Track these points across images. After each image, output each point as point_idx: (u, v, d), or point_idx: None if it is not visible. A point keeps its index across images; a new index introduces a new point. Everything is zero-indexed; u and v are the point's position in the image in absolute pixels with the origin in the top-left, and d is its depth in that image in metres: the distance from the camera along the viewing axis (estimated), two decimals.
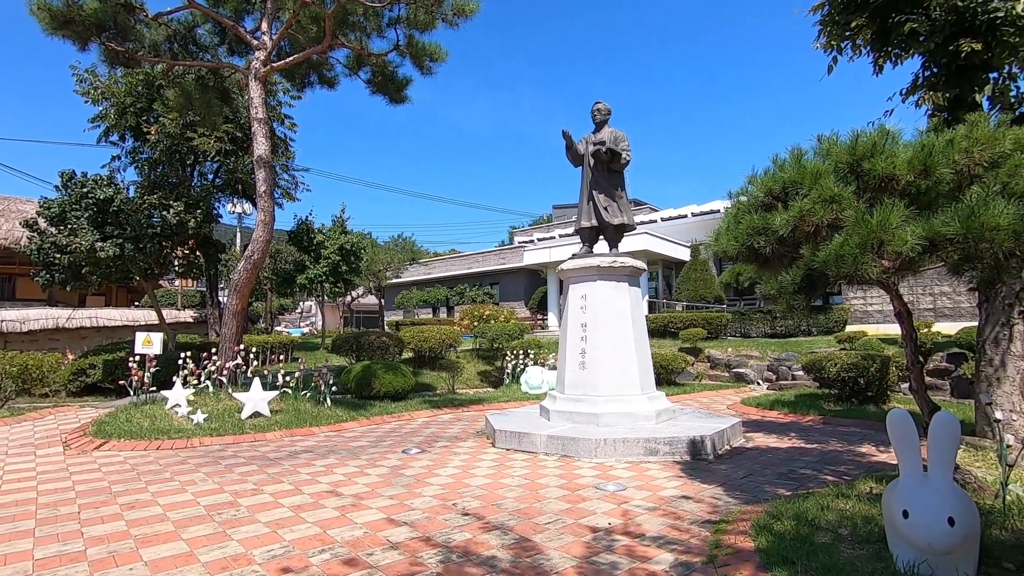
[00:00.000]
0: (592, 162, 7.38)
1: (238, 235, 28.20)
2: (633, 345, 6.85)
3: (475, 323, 17.32)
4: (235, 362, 9.00)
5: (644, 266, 7.42)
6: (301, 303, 48.45)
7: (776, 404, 9.80)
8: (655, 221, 27.99)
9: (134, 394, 8.80)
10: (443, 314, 33.89)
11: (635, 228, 7.93)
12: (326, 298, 25.22)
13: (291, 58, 9.48)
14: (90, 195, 11.04)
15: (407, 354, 14.65)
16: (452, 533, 3.61)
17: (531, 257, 27.62)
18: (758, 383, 13.50)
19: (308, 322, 48.11)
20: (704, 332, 16.35)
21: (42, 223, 11.49)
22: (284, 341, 17.50)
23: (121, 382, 9.37)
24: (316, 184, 54.86)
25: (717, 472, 5.26)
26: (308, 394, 9.11)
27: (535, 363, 12.94)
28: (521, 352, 13.05)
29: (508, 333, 14.98)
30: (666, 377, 12.40)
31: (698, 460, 5.70)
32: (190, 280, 26.85)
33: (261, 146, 8.87)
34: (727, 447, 6.37)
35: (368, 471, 5.42)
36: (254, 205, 17.18)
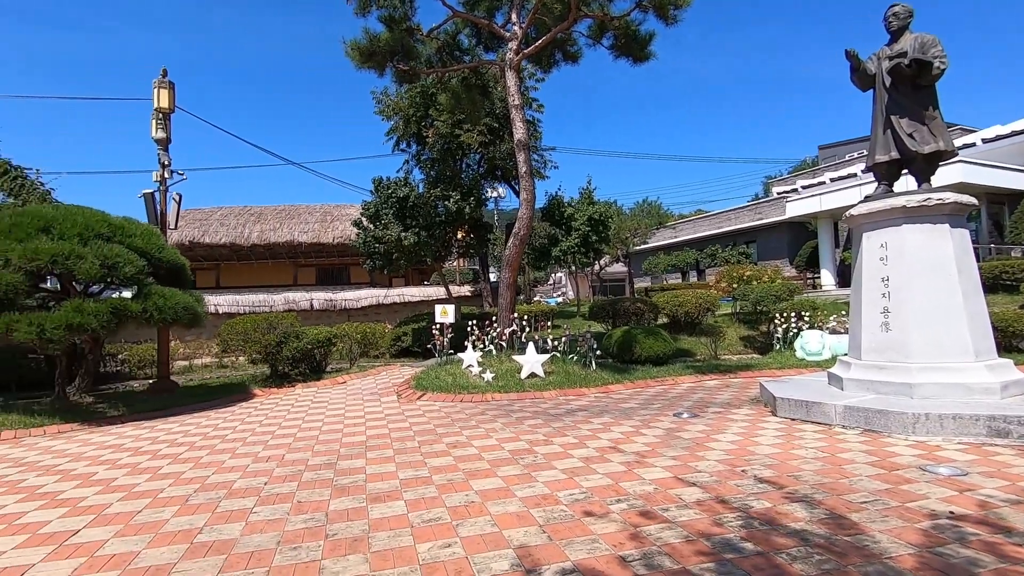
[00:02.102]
0: (888, 81, 6.05)
1: (495, 216, 31.49)
2: (961, 300, 5.50)
3: (733, 285, 16.15)
4: (511, 329, 10.12)
5: (973, 200, 5.85)
6: (552, 275, 51.90)
7: None
8: (973, 145, 21.83)
9: (438, 356, 10.63)
10: (693, 278, 32.45)
11: (955, 154, 6.28)
12: (576, 268, 26.48)
13: (539, 41, 10.00)
14: (393, 195, 13.56)
15: (662, 319, 14.47)
16: (748, 500, 3.46)
17: (795, 208, 24.36)
18: None
19: (560, 292, 51.30)
20: None
21: (364, 221, 14.58)
22: (545, 310, 18.98)
23: (428, 346, 11.40)
24: (562, 160, 57.53)
25: None
26: (574, 357, 9.74)
27: (810, 326, 11.48)
28: (792, 315, 11.70)
29: (774, 294, 13.57)
30: (1004, 342, 9.71)
31: None
32: (462, 260, 31.10)
33: (519, 130, 9.63)
34: None
35: (643, 431, 5.54)
36: (511, 188, 18.85)
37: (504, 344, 10.13)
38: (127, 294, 8.26)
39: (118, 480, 4.59)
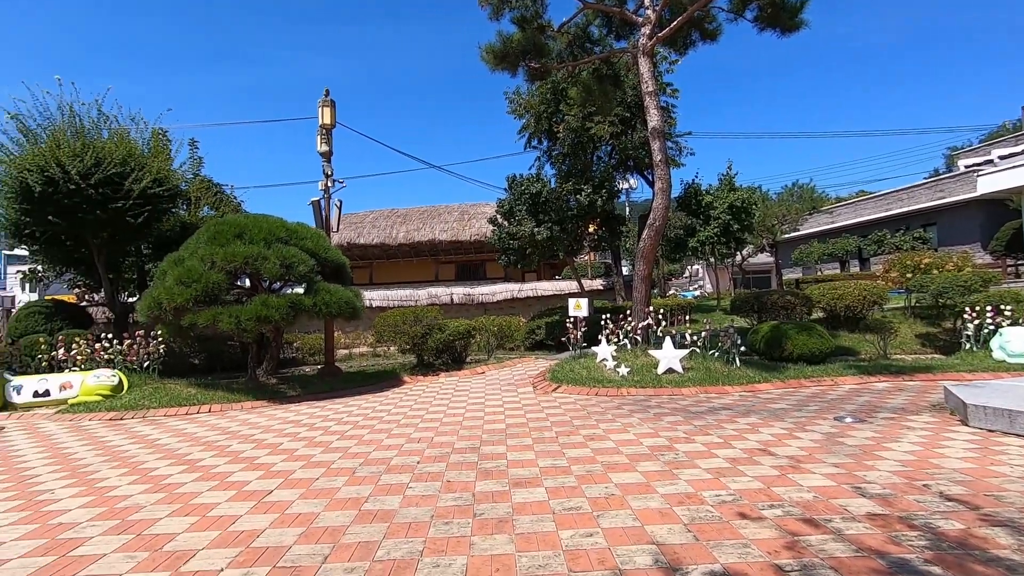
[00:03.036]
0: None
1: (627, 208, 30.75)
2: None
3: (907, 275, 14.10)
4: (646, 323, 9.86)
5: None
6: (688, 267, 49.45)
7: None
8: None
9: (572, 349, 10.70)
10: (854, 267, 28.96)
11: None
12: (715, 260, 24.96)
13: (674, 23, 9.57)
14: (526, 191, 13.88)
15: (816, 314, 13.12)
16: (933, 518, 3.03)
17: (990, 183, 20.58)
18: None
19: (696, 285, 48.75)
20: None
21: (499, 218, 15.12)
22: (681, 304, 18.18)
23: (563, 339, 11.53)
24: (698, 146, 54.56)
25: None
26: (715, 354, 9.21)
27: (1013, 322, 9.65)
28: (988, 309, 9.92)
29: (962, 285, 11.61)
30: None
31: None
32: (592, 254, 30.87)
33: (654, 118, 9.32)
34: None
35: (797, 434, 5.09)
36: (644, 179, 18.33)
37: (639, 338, 9.90)
38: (298, 290, 9.46)
39: (298, 451, 5.29)
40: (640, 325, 9.87)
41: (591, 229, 16.24)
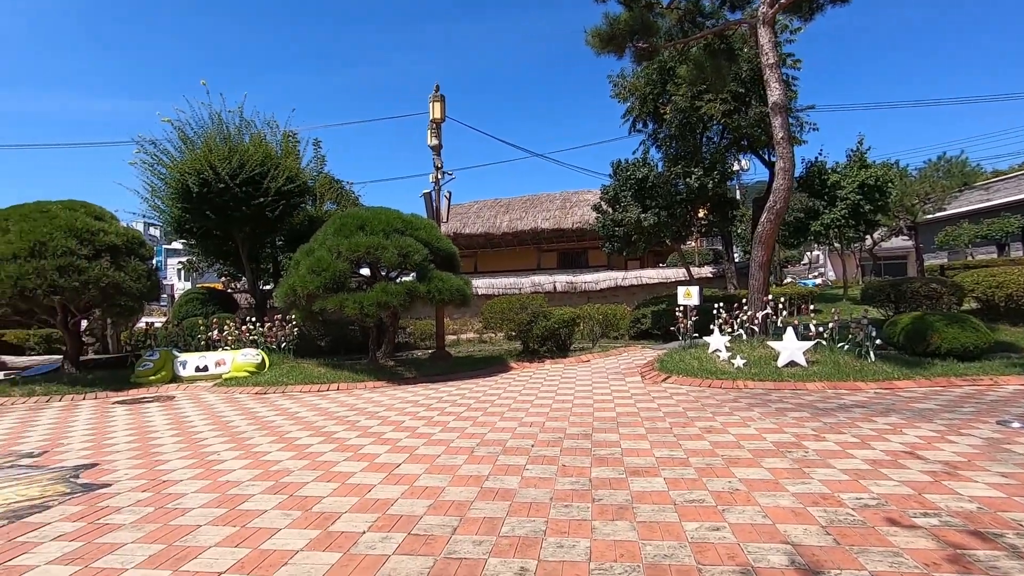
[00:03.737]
0: None
1: (738, 191, 28.89)
2: None
3: None
4: (764, 312, 9.27)
5: None
6: (807, 253, 45.57)
7: None
8: None
9: (681, 339, 10.34)
10: (1016, 251, 25.12)
11: None
12: (840, 244, 22.79)
13: None
14: (631, 176, 13.54)
15: (968, 304, 11.61)
16: None
17: None
18: None
19: (816, 272, 44.89)
20: None
21: (603, 205, 14.89)
22: (801, 292, 16.87)
23: (672, 328, 11.17)
24: (822, 120, 49.88)
25: None
26: (845, 347, 8.46)
27: None
28: None
29: None
30: None
31: None
32: (700, 241, 29.43)
33: (775, 92, 8.66)
34: None
35: (951, 438, 4.55)
36: (759, 159, 17.11)
37: (756, 329, 9.33)
38: (408, 279, 9.98)
39: (419, 429, 5.63)
40: (757, 314, 9.30)
41: (700, 214, 15.49)
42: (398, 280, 10.10)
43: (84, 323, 11.92)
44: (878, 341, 8.21)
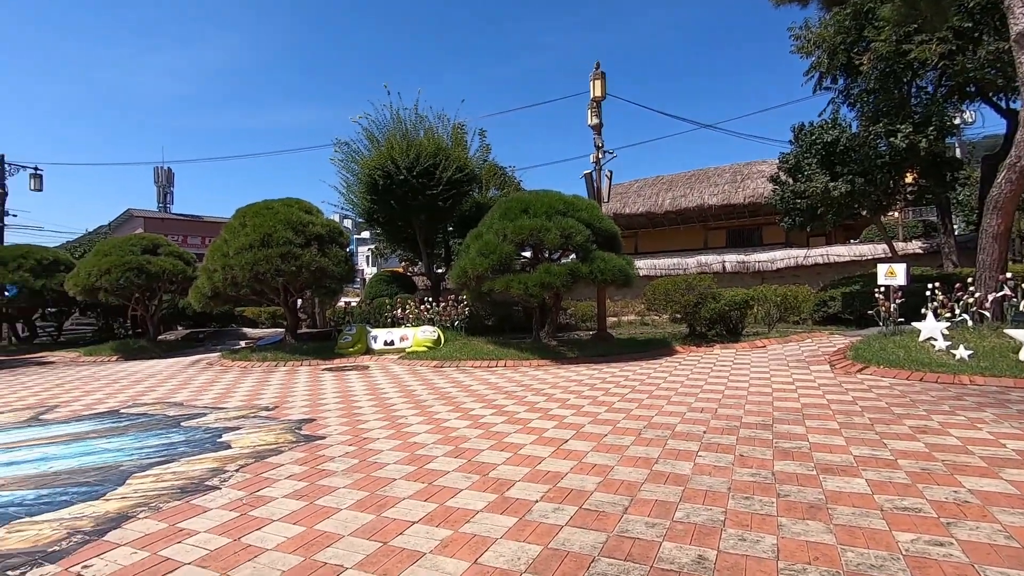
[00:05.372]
0: None
1: (957, 150, 23.87)
2: None
3: None
4: (1000, 293, 7.61)
5: None
6: None
7: None
8: None
9: (882, 324, 8.96)
10: None
11: None
12: None
13: None
14: (817, 140, 11.98)
15: None
16: None
17: None
18: None
19: None
20: None
21: (782, 175, 13.43)
22: None
23: (870, 312, 9.74)
24: None
25: None
26: None
27: None
28: None
29: None
30: None
31: None
32: (903, 211, 24.99)
33: (1021, 19, 6.94)
34: None
35: None
36: (994, 107, 13.97)
37: (986, 314, 7.71)
38: (564, 261, 10.02)
39: (584, 407, 5.68)
40: (989, 296, 7.67)
41: (908, 179, 13.15)
42: (560, 261, 10.24)
43: (299, 302, 14.13)
44: None
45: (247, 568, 2.51)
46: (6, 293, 15.15)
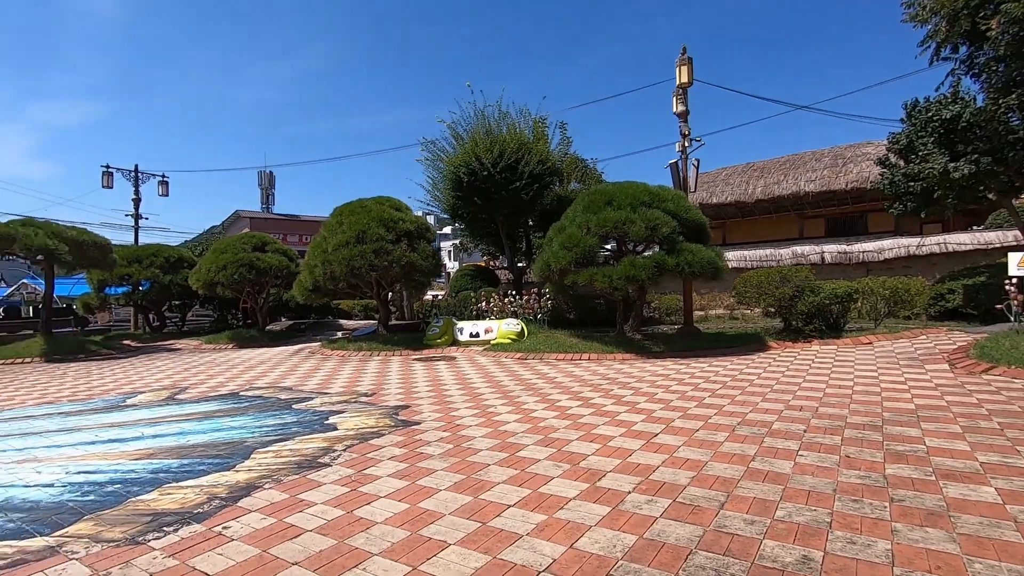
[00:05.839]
0: None
1: None
2: None
3: None
4: None
5: None
6: None
7: None
8: None
9: (1014, 320, 8.04)
10: None
11: None
12: None
13: None
14: (934, 118, 10.88)
15: None
16: None
17: None
18: None
19: None
20: None
21: (891, 157, 12.32)
22: None
23: (999, 307, 8.76)
24: None
25: None
26: None
27: None
28: None
29: None
30: None
31: None
32: None
33: None
34: None
35: None
36: None
37: None
38: (649, 253, 9.79)
39: (672, 402, 5.58)
40: None
41: None
42: (645, 253, 10.05)
43: (390, 295, 14.85)
44: None
45: (361, 538, 2.74)
46: (141, 287, 17.14)
